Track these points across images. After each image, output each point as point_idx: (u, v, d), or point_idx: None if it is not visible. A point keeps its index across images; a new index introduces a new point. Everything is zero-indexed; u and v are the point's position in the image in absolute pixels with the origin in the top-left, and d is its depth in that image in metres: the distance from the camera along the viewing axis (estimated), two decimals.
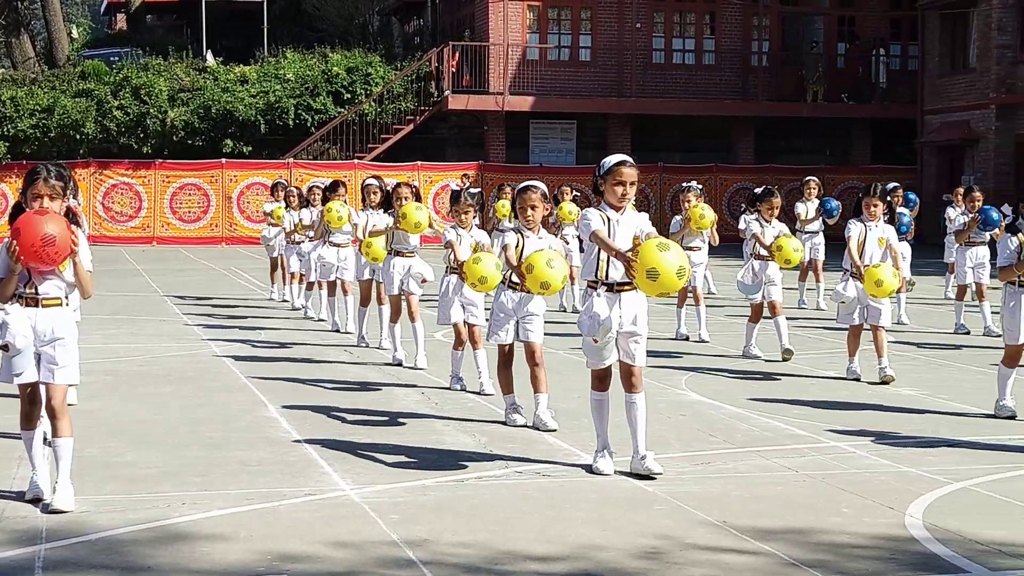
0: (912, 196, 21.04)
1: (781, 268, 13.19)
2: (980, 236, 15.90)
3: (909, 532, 6.50)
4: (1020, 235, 9.52)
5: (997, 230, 15.27)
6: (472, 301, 10.72)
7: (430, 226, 12.21)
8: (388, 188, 13.05)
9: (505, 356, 9.39)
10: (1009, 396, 9.79)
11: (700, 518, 6.72)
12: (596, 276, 7.66)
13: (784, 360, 12.81)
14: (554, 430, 9.07)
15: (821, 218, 19.15)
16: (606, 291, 7.62)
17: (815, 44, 40.48)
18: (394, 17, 45.86)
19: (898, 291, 15.31)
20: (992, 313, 15.45)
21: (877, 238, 11.51)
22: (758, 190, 13.86)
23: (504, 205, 17.82)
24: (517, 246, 9.00)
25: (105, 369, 12.09)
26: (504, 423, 9.35)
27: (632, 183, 7.63)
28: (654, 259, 7.13)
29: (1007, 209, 15.53)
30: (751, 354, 13.17)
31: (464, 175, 16.27)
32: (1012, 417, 9.65)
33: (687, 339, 14.56)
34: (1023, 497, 7.21)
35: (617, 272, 7.58)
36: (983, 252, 15.90)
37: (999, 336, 14.82)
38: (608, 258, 7.58)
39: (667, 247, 7.22)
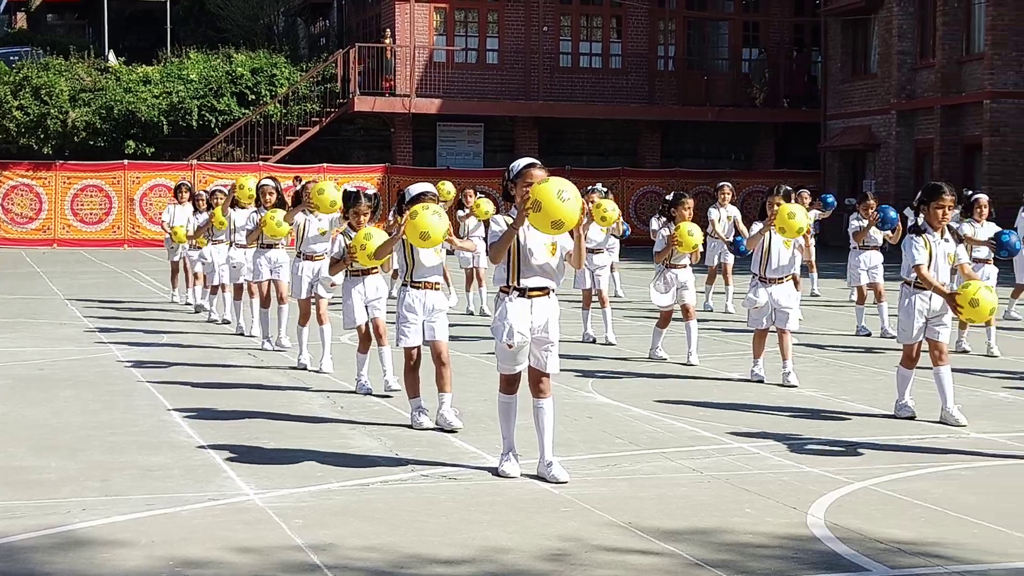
0: (830, 199, 21.33)
1: (689, 253, 13.08)
2: (874, 241, 16.11)
3: (811, 531, 6.57)
4: (925, 235, 9.64)
5: (890, 232, 15.51)
6: (375, 301, 10.70)
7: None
8: (293, 189, 13.03)
9: (412, 359, 9.35)
10: (908, 396, 9.91)
11: (606, 520, 6.74)
12: (508, 282, 7.63)
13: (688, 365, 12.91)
14: (457, 429, 9.05)
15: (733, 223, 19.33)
16: (518, 296, 7.60)
17: (763, 51, 40.96)
18: (299, 18, 45.55)
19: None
20: (891, 316, 15.69)
21: (783, 240, 11.62)
22: (669, 196, 13.92)
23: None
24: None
25: (3, 373, 11.86)
26: (410, 426, 9.31)
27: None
28: (537, 191, 7.21)
29: (909, 212, 15.79)
30: (657, 356, 13.26)
31: (296, 177, 16.19)
32: (912, 417, 9.79)
33: (594, 342, 14.62)
34: (922, 496, 7.31)
35: (528, 280, 7.57)
36: (877, 256, 16.12)
37: (894, 337, 15.07)
38: (519, 263, 7.55)
39: (547, 179, 7.33)
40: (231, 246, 15.37)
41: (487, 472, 7.85)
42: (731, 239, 18.72)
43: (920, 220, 9.75)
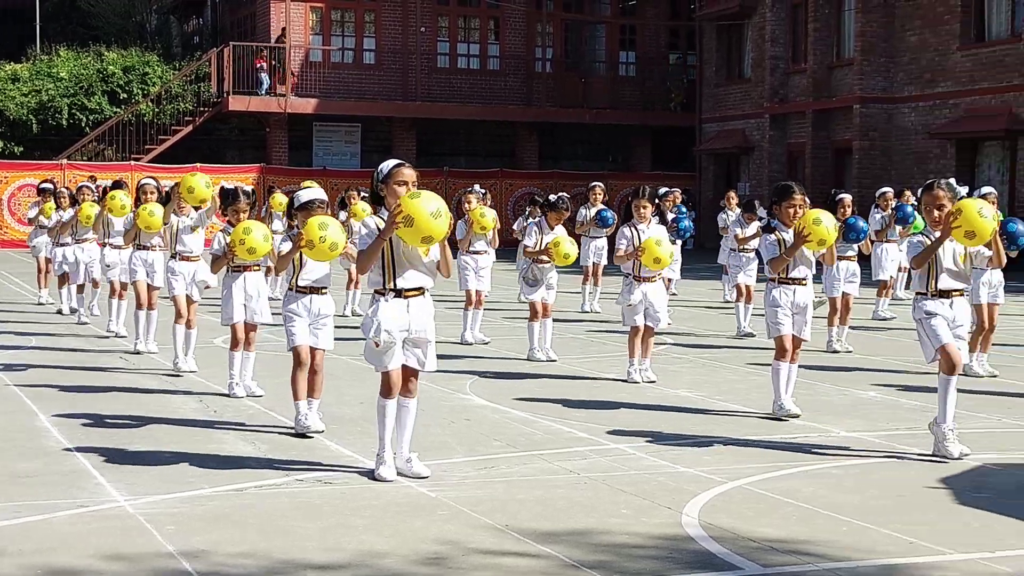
0: (683, 209, 21.54)
1: (558, 266, 13.30)
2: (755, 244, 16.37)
3: (686, 531, 6.62)
4: (777, 232, 9.87)
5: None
6: (254, 302, 10.55)
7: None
8: (165, 189, 12.82)
9: (300, 360, 9.19)
10: (785, 395, 9.93)
11: (483, 522, 6.72)
12: (385, 284, 7.58)
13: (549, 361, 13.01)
14: (320, 431, 8.95)
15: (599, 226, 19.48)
16: (394, 297, 7.56)
17: (679, 56, 41.33)
18: (172, 16, 44.94)
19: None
20: (754, 316, 15.96)
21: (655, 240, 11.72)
22: (553, 197, 13.95)
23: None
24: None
25: None
26: (290, 430, 9.19)
27: (413, 183, 7.60)
28: (408, 207, 7.18)
29: (762, 212, 16.05)
30: (536, 357, 13.28)
31: (91, 176, 15.94)
32: (796, 416, 9.83)
33: (469, 344, 14.58)
34: (794, 495, 7.41)
35: (405, 280, 7.53)
36: (753, 255, 16.38)
37: (751, 335, 15.30)
38: (394, 265, 7.51)
39: (418, 194, 7.31)
40: (105, 246, 15.10)
41: (363, 476, 7.79)
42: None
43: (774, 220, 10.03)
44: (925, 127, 32.33)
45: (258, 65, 37.51)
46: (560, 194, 14.24)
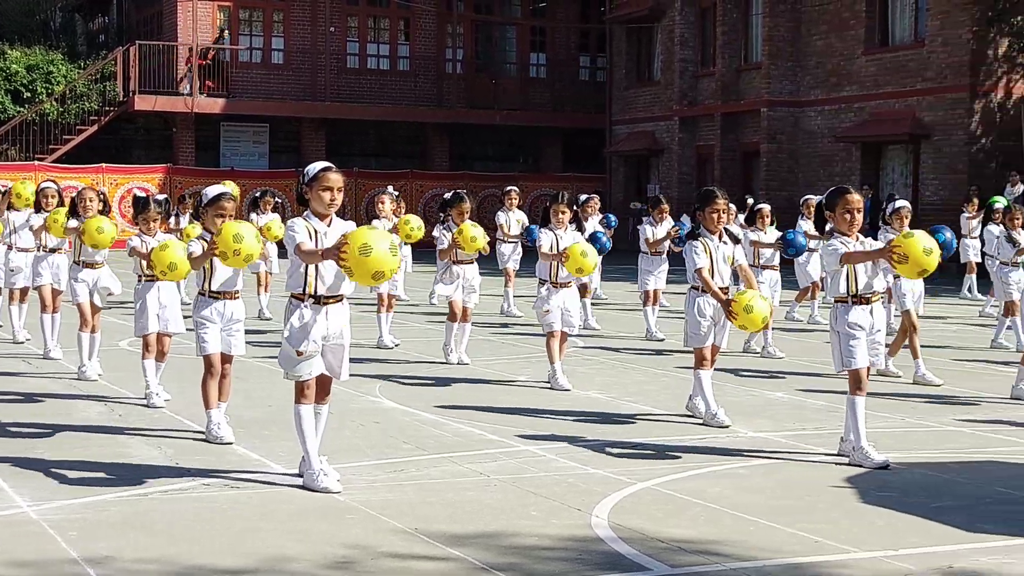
0: (612, 219, 21.62)
1: (467, 253, 13.12)
2: (665, 247, 16.42)
3: (595, 532, 6.64)
4: (703, 239, 9.82)
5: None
6: (167, 311, 10.37)
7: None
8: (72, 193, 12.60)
9: (212, 367, 9.06)
10: (714, 403, 9.89)
11: (392, 526, 6.70)
12: (304, 290, 7.50)
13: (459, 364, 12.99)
14: (231, 443, 8.84)
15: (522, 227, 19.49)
16: (313, 303, 7.48)
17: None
18: (78, 14, 44.27)
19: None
20: (658, 318, 16.07)
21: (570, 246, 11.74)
22: (447, 195, 13.96)
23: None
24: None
25: None
26: (198, 434, 9.08)
27: (339, 188, 7.53)
28: (364, 236, 6.94)
29: (685, 220, 16.16)
30: (452, 359, 13.22)
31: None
32: (727, 426, 9.76)
33: (388, 347, 14.48)
34: (702, 495, 7.47)
35: (325, 288, 7.46)
36: (664, 258, 16.44)
37: (661, 340, 15.39)
38: (316, 271, 7.43)
39: (374, 228, 7.17)
40: (10, 249, 14.82)
41: (271, 480, 7.72)
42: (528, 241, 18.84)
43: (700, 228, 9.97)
44: (831, 130, 32.78)
45: (188, 65, 37.22)
46: (454, 191, 14.13)
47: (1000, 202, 19.94)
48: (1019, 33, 28.94)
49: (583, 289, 15.68)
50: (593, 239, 13.82)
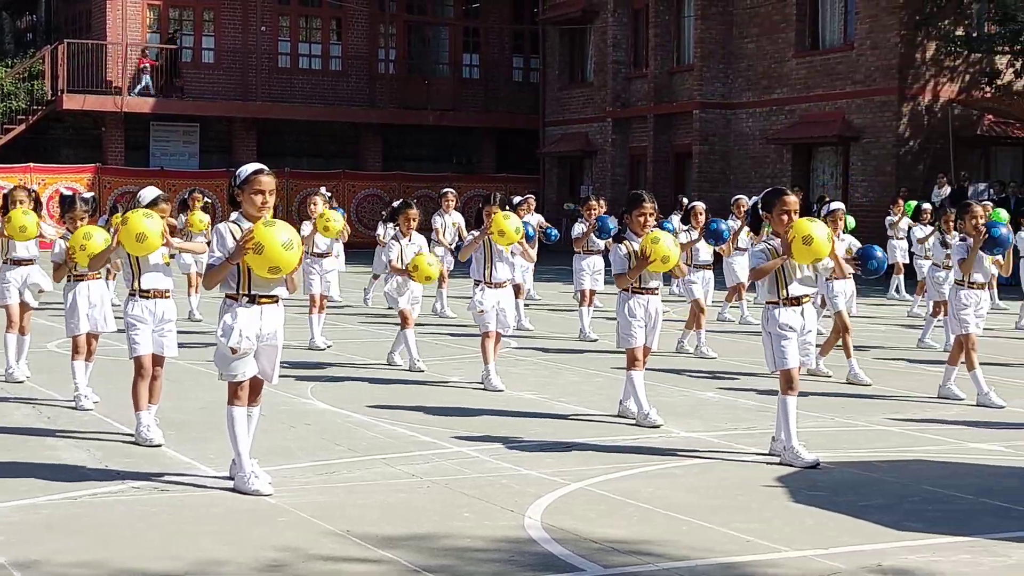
0: (553, 233, 21.62)
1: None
2: (596, 244, 16.53)
3: (528, 533, 6.64)
4: (626, 243, 9.88)
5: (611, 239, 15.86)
6: (97, 310, 10.24)
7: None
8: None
9: (143, 369, 8.97)
10: (646, 403, 9.91)
11: (324, 528, 6.66)
12: (238, 289, 7.45)
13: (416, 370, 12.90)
14: (159, 445, 8.76)
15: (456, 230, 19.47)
16: (247, 302, 7.43)
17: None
18: (5, 12, 43.70)
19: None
20: (593, 319, 16.13)
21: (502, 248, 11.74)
22: (396, 203, 13.88)
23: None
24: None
25: None
26: (127, 437, 8.98)
27: (271, 191, 7.47)
28: (260, 235, 7.09)
29: (612, 222, 16.23)
30: (395, 362, 13.14)
31: None
32: (659, 425, 9.80)
33: (320, 349, 14.39)
34: (635, 495, 7.49)
35: (259, 287, 7.41)
36: (599, 260, 16.52)
37: (594, 340, 15.44)
38: (250, 272, 7.37)
39: (273, 223, 7.22)
40: None
41: (202, 483, 7.65)
42: (454, 246, 18.81)
43: (626, 231, 10.04)
44: (762, 132, 33.02)
45: (142, 65, 36.92)
46: (403, 200, 14.07)
47: (914, 206, 20.26)
48: (946, 37, 29.31)
49: (517, 289, 15.69)
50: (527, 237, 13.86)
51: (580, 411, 10.54)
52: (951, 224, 14.95)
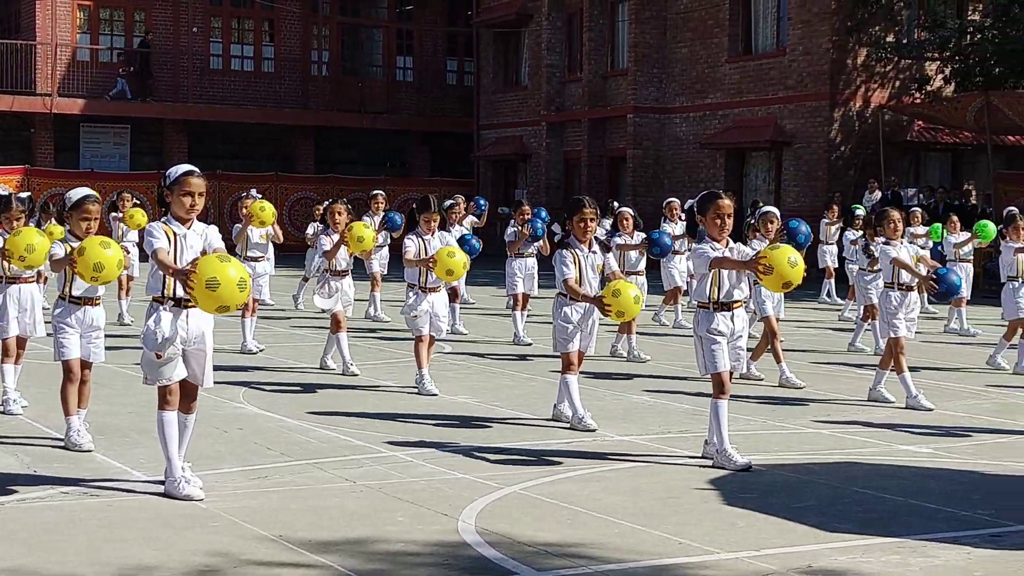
0: (482, 201, 21.65)
1: (353, 252, 13.02)
2: (531, 247, 16.52)
3: (462, 537, 6.64)
4: (571, 249, 9.84)
5: (542, 242, 15.86)
6: (29, 318, 10.08)
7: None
8: None
9: (71, 373, 8.84)
10: (580, 407, 9.89)
11: (256, 533, 6.61)
12: (163, 292, 7.37)
13: (338, 372, 12.85)
14: (89, 451, 8.67)
15: (387, 231, 19.43)
16: (173, 306, 7.36)
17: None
18: None
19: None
20: (528, 323, 16.14)
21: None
22: (327, 202, 13.86)
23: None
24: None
25: None
26: (56, 442, 8.86)
27: (200, 194, 7.41)
28: (214, 269, 6.85)
29: (556, 228, 16.24)
30: (328, 365, 13.07)
31: None
32: (593, 429, 9.81)
33: (252, 352, 14.28)
34: (568, 498, 7.50)
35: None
36: (532, 263, 16.52)
37: (528, 345, 15.45)
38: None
39: (228, 259, 7.01)
40: None
41: (132, 488, 7.57)
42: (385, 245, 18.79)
43: (570, 236, 10.00)
44: (696, 137, 33.22)
45: (118, 70, 36.67)
46: (331, 199, 14.06)
47: (860, 209, 20.44)
48: (877, 43, 29.64)
49: (452, 294, 15.67)
50: (462, 242, 13.83)
51: (514, 415, 10.54)
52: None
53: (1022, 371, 13.67)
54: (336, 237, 12.92)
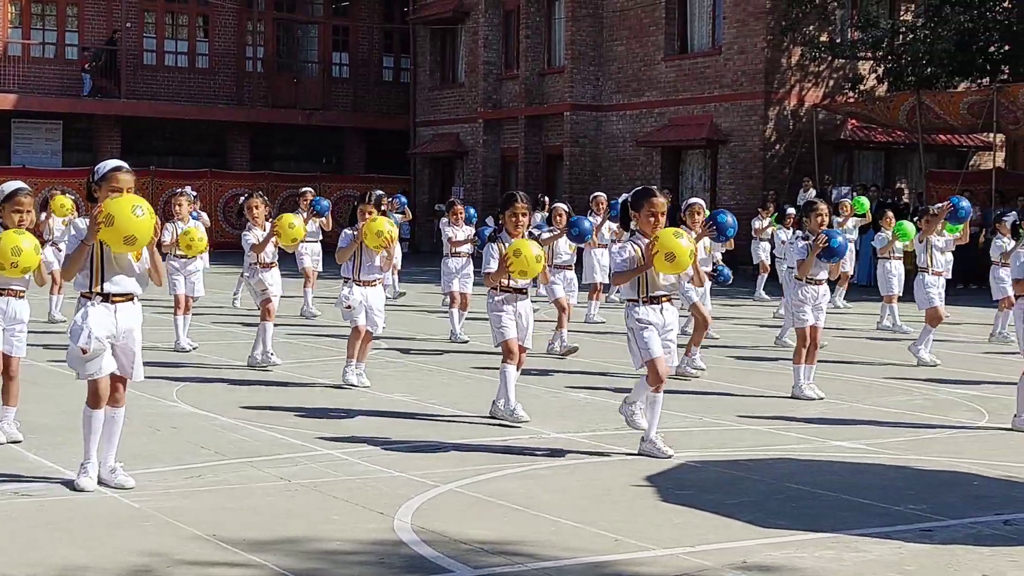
0: (402, 199, 21.63)
1: (284, 245, 13.08)
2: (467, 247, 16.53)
3: (398, 536, 6.61)
4: (500, 243, 9.91)
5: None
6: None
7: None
8: None
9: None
10: (513, 399, 9.95)
11: (190, 533, 6.55)
12: (91, 288, 7.31)
13: (261, 366, 12.79)
14: (18, 441, 8.57)
15: (319, 225, 19.35)
16: (102, 302, 7.29)
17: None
18: None
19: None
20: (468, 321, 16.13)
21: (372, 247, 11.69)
22: (243, 199, 13.89)
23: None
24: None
25: None
26: None
27: (129, 189, 7.37)
28: (107, 207, 7.05)
29: (490, 221, 16.26)
30: (269, 360, 12.97)
31: None
32: (526, 422, 9.84)
33: (185, 350, 14.14)
34: (505, 496, 7.50)
35: (113, 285, 7.28)
36: (467, 261, 16.49)
37: (465, 342, 15.42)
38: (103, 268, 7.26)
39: (122, 196, 7.19)
40: None
41: (63, 487, 7.48)
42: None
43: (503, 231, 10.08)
44: (632, 135, 33.34)
45: (83, 66, 36.17)
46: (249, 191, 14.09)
47: (792, 209, 20.63)
48: (811, 43, 29.88)
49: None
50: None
51: (450, 413, 10.52)
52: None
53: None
54: (257, 232, 13.08)
